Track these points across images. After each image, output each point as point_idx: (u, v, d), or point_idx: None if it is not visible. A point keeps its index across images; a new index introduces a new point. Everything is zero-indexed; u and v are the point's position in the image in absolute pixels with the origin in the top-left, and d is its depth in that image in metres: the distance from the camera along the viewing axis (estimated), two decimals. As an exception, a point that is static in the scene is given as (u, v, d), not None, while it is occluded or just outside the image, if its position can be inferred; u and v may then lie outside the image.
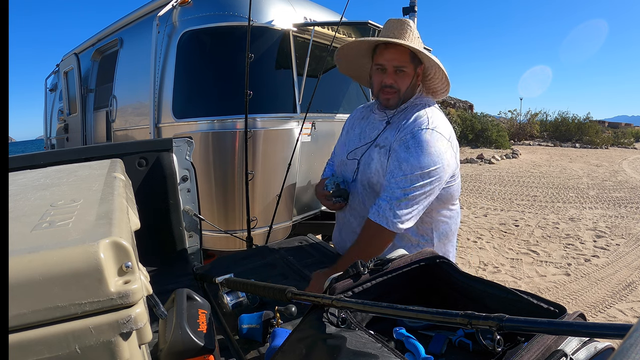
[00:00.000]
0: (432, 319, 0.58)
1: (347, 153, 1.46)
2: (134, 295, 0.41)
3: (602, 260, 4.08)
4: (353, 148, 1.46)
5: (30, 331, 0.37)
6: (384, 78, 1.33)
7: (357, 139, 1.47)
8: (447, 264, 0.90)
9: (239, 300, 1.11)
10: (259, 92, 2.40)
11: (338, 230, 1.57)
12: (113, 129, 3.32)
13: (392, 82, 1.32)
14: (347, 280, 0.81)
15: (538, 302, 0.71)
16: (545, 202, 6.76)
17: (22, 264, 0.37)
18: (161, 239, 1.54)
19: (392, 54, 1.31)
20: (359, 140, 1.46)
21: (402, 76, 1.32)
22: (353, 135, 1.51)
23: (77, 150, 1.36)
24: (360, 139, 1.46)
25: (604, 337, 0.43)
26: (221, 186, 2.46)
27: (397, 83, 1.33)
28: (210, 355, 0.73)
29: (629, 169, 10.89)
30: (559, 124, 20.29)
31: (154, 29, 2.59)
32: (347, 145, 1.51)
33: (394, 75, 1.32)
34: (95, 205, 0.54)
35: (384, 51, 1.33)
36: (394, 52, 1.31)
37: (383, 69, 1.33)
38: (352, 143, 1.48)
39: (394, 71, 1.32)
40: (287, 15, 2.67)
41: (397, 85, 1.33)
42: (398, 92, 1.34)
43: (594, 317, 2.97)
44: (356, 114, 1.60)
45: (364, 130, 1.47)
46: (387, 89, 1.34)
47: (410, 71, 1.33)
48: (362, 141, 1.44)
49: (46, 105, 5.92)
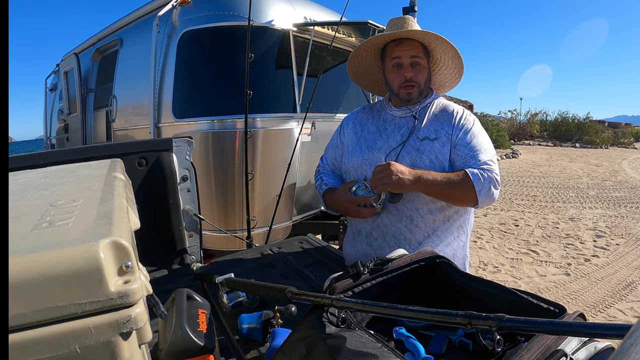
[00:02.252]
0: (432, 319, 0.58)
1: (385, 155, 1.37)
2: (134, 295, 0.41)
3: (602, 260, 4.08)
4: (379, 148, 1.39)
5: (30, 331, 0.37)
6: (404, 72, 1.35)
7: (378, 135, 1.42)
8: (447, 264, 0.90)
9: (238, 300, 1.11)
10: (259, 92, 2.40)
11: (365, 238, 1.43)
12: (113, 128, 3.32)
13: (412, 76, 1.35)
14: (347, 280, 0.81)
15: (538, 302, 0.71)
16: (545, 202, 6.76)
17: (22, 264, 0.37)
18: (161, 239, 1.54)
19: (406, 47, 1.34)
20: (380, 136, 1.41)
21: (419, 70, 1.35)
22: (369, 134, 1.44)
23: (77, 150, 1.36)
24: (381, 135, 1.41)
25: (604, 337, 0.43)
26: (221, 186, 2.46)
27: (416, 77, 1.35)
28: (210, 355, 0.73)
29: (628, 169, 10.89)
30: (559, 123, 20.32)
31: (154, 28, 2.59)
32: (364, 144, 1.43)
33: (412, 69, 1.35)
34: (95, 205, 0.54)
35: (395, 47, 1.35)
36: (408, 45, 1.34)
37: (400, 64, 1.35)
38: (374, 140, 1.42)
39: (410, 64, 1.35)
40: (287, 15, 2.67)
41: (417, 79, 1.35)
42: (418, 85, 1.36)
43: (594, 317, 2.97)
44: (360, 114, 1.53)
45: (381, 127, 1.42)
46: (408, 83, 1.35)
47: (425, 64, 1.36)
48: (387, 138, 1.40)
49: (46, 105, 5.92)
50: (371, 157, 1.39)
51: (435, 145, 1.32)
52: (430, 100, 1.41)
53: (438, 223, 1.34)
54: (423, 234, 1.34)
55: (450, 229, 1.36)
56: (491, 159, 1.30)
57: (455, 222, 1.37)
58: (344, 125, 1.55)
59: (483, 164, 1.28)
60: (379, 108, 1.49)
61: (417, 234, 1.34)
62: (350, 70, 1.53)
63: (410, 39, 1.35)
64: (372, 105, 1.55)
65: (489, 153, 1.32)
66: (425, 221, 1.34)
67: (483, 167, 1.27)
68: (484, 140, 1.34)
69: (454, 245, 1.37)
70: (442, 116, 1.37)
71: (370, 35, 3.02)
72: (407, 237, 1.35)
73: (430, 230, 1.34)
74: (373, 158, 1.38)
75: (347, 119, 1.56)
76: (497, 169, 1.30)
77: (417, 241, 1.34)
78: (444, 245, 1.35)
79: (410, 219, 1.34)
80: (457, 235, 1.38)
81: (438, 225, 1.35)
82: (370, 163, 1.38)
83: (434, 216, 1.34)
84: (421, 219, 1.34)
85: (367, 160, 1.40)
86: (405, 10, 2.73)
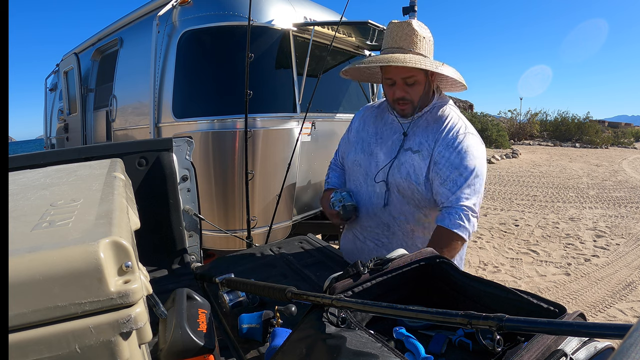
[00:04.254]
0: (432, 318, 0.58)
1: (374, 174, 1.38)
2: (134, 295, 0.41)
3: (602, 260, 4.08)
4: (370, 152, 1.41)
5: (30, 331, 0.37)
6: (395, 91, 1.30)
7: (374, 139, 1.43)
8: (447, 264, 0.90)
9: (238, 299, 1.11)
10: (259, 92, 2.40)
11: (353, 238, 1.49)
12: (113, 128, 3.32)
13: (404, 95, 1.29)
14: (347, 280, 0.81)
15: (538, 302, 0.71)
16: (545, 202, 6.76)
17: (22, 264, 0.37)
18: (161, 238, 1.53)
19: (398, 68, 1.26)
20: (375, 140, 1.42)
21: (413, 87, 1.28)
22: (367, 135, 1.45)
23: (77, 150, 1.36)
24: (377, 140, 1.41)
25: (604, 337, 0.43)
26: (221, 186, 2.46)
27: (409, 94, 1.29)
28: (210, 355, 0.73)
29: (628, 169, 10.89)
30: (559, 123, 20.32)
31: (154, 28, 2.58)
32: (359, 145, 1.46)
33: (404, 87, 1.28)
34: (95, 204, 0.54)
35: (388, 66, 1.28)
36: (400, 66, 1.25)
37: (392, 82, 1.30)
38: (368, 143, 1.43)
39: (403, 83, 1.28)
40: (287, 14, 2.66)
41: (410, 96, 1.29)
42: (411, 102, 1.30)
43: (594, 316, 2.98)
44: (366, 112, 1.53)
45: (380, 130, 1.43)
46: (400, 101, 1.31)
47: (422, 79, 1.28)
48: (381, 143, 1.40)
49: (46, 105, 5.92)
50: (362, 160, 1.43)
51: (415, 158, 1.29)
52: (429, 108, 1.34)
53: (417, 234, 1.36)
54: (400, 242, 1.36)
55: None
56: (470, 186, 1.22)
57: None
58: (353, 121, 1.58)
59: (459, 195, 1.20)
60: (384, 107, 1.48)
61: (394, 241, 1.37)
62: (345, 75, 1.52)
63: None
64: (380, 104, 1.53)
65: (469, 181, 1.22)
66: (402, 230, 1.36)
67: (459, 203, 1.20)
68: (468, 160, 1.23)
69: None
70: (432, 127, 1.31)
71: (370, 35, 3.02)
72: (384, 242, 1.39)
73: (408, 239, 1.36)
74: (364, 161, 1.42)
75: (356, 115, 1.59)
76: (476, 197, 1.22)
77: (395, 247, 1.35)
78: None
79: (387, 226, 1.37)
80: None
81: (417, 235, 1.36)
82: (360, 165, 1.43)
83: (411, 226, 1.35)
84: (398, 227, 1.36)
85: (358, 162, 1.44)
86: (405, 10, 2.72)
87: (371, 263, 0.84)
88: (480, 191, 1.24)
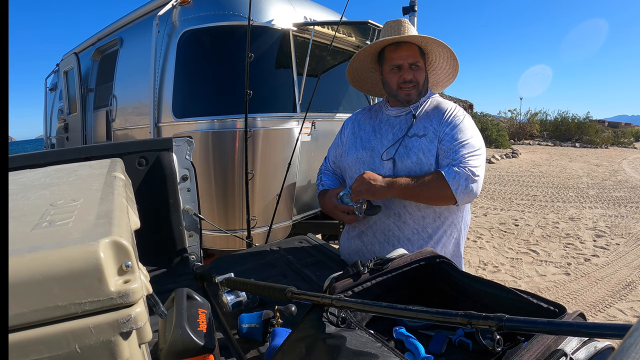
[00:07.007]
0: (432, 318, 0.58)
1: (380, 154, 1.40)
2: (134, 295, 0.41)
3: (602, 260, 4.09)
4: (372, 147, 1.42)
5: (30, 331, 0.37)
6: (403, 74, 1.37)
7: (372, 135, 1.44)
8: (447, 264, 0.90)
9: (238, 299, 1.11)
10: (259, 92, 2.40)
11: (357, 235, 1.48)
12: (113, 128, 3.32)
13: (412, 77, 1.37)
14: (347, 280, 0.81)
15: (538, 302, 0.71)
16: (545, 202, 6.76)
17: (22, 264, 0.37)
18: (161, 238, 1.53)
19: (405, 52, 1.36)
20: (374, 135, 1.44)
21: (418, 71, 1.39)
22: (364, 133, 1.48)
23: (77, 150, 1.36)
24: (375, 135, 1.44)
25: (604, 337, 0.43)
26: (221, 186, 2.46)
27: (415, 77, 1.38)
28: (210, 355, 0.73)
29: (628, 169, 10.89)
30: (559, 123, 20.32)
31: (154, 28, 2.58)
32: (358, 143, 1.47)
33: (411, 71, 1.38)
34: (95, 204, 0.54)
35: (394, 52, 1.37)
36: (406, 49, 1.36)
37: (398, 67, 1.37)
38: (368, 139, 1.45)
39: (409, 67, 1.37)
40: (287, 14, 2.66)
41: (416, 79, 1.38)
42: (417, 85, 1.39)
43: (594, 316, 2.98)
44: (359, 115, 1.57)
45: (377, 127, 1.45)
46: (407, 84, 1.38)
47: (422, 65, 1.39)
48: (380, 137, 1.42)
49: (46, 105, 5.91)
50: (364, 156, 1.43)
51: (423, 141, 1.34)
52: (425, 99, 1.43)
53: (428, 220, 1.36)
54: (412, 230, 1.36)
55: (442, 226, 1.37)
56: (471, 152, 1.29)
57: (447, 219, 1.37)
58: (345, 126, 1.61)
59: (460, 158, 1.27)
60: (377, 109, 1.54)
61: (406, 231, 1.36)
62: (349, 74, 1.57)
63: (408, 43, 1.37)
64: (371, 107, 1.59)
65: (471, 147, 1.30)
66: (413, 218, 1.36)
67: (460, 163, 1.26)
68: (469, 134, 1.32)
69: (446, 242, 1.38)
70: (433, 113, 1.38)
71: (370, 35, 3.02)
72: (395, 234, 1.38)
73: (419, 227, 1.36)
74: (366, 157, 1.43)
75: (348, 120, 1.62)
76: (478, 162, 1.28)
77: (406, 237, 1.36)
78: (434, 242, 1.36)
79: (398, 215, 1.37)
80: (450, 233, 1.39)
81: (428, 222, 1.36)
82: (363, 162, 1.43)
83: (422, 213, 1.35)
84: (409, 215, 1.36)
85: (360, 159, 1.44)
86: (405, 10, 2.73)
87: (371, 263, 0.85)
88: (482, 164, 1.30)
